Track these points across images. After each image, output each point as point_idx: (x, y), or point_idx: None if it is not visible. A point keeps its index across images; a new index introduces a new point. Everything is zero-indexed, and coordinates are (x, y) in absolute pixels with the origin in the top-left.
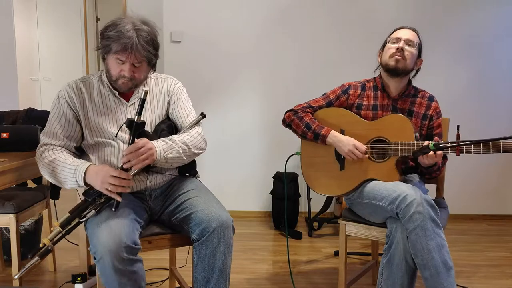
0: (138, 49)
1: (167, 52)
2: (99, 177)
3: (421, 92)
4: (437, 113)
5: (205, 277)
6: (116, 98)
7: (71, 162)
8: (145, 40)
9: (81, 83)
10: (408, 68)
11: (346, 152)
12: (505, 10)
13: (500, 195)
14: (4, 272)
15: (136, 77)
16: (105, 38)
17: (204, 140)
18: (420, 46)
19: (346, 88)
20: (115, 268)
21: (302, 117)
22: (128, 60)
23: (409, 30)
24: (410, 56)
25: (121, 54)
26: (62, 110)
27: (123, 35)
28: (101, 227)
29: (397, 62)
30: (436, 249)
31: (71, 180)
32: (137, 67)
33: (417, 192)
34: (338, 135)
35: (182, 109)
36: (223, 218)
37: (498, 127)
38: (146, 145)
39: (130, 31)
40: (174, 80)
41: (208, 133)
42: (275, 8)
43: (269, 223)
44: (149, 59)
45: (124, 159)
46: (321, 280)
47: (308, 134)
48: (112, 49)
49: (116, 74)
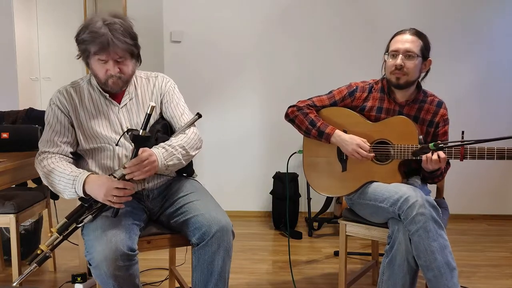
0: (115, 44)
1: (167, 52)
2: (102, 189)
3: (430, 97)
4: (444, 120)
5: (203, 281)
6: (108, 101)
7: (70, 172)
8: (119, 32)
9: (71, 89)
10: (411, 80)
11: (350, 152)
12: (507, 10)
13: (500, 195)
14: (4, 272)
15: (124, 72)
16: (81, 42)
17: (200, 139)
18: (424, 48)
19: (353, 90)
20: (111, 275)
21: (307, 113)
22: (110, 58)
23: (408, 35)
24: (412, 69)
25: (100, 54)
26: (56, 117)
27: (96, 34)
28: (98, 234)
29: (398, 80)
30: (439, 250)
31: (70, 190)
32: (121, 61)
33: (419, 193)
34: (342, 134)
35: (176, 108)
36: (223, 223)
37: (499, 128)
38: (149, 158)
39: (102, 28)
40: (165, 78)
41: (208, 133)
42: (275, 8)
43: (269, 223)
44: (130, 51)
45: (127, 170)
46: (321, 280)
47: (313, 131)
48: (91, 51)
49: (103, 76)
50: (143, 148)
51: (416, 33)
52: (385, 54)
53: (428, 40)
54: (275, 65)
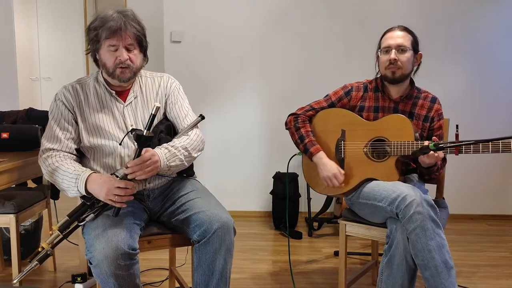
0: (127, 28)
1: (167, 52)
2: (104, 189)
3: (424, 93)
4: (439, 115)
5: (205, 281)
6: (113, 98)
7: (73, 171)
8: (131, 18)
9: (77, 85)
10: (406, 74)
11: (324, 177)
12: (506, 10)
13: (500, 195)
14: (4, 272)
15: (133, 61)
16: (92, 30)
17: (203, 141)
18: (414, 42)
19: (348, 90)
20: (112, 274)
21: (299, 128)
22: (121, 43)
23: (398, 31)
24: (405, 62)
25: (112, 38)
26: (60, 113)
27: (109, 18)
28: (99, 233)
29: (393, 74)
30: (437, 249)
31: (73, 189)
32: (131, 50)
33: (417, 192)
34: (324, 158)
35: (180, 109)
36: (224, 219)
37: (498, 127)
38: (152, 158)
39: (114, 14)
40: (170, 78)
41: (208, 133)
42: (276, 8)
43: (269, 223)
44: (140, 40)
45: (130, 170)
46: (321, 280)
47: (300, 146)
48: (101, 37)
49: (112, 64)
50: (146, 148)
51: (405, 29)
52: (377, 51)
53: (416, 35)
54: (275, 65)
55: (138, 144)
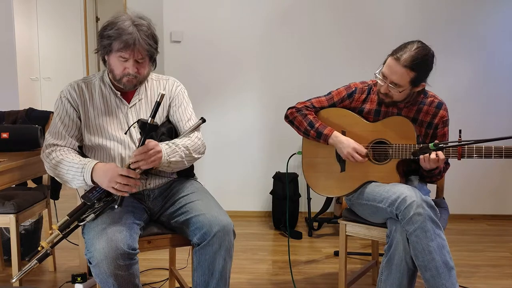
0: (140, 44)
1: (167, 52)
2: (107, 176)
3: (430, 98)
4: (444, 122)
5: (204, 281)
6: (118, 99)
7: (78, 161)
8: (146, 34)
9: (82, 84)
10: (399, 101)
11: (345, 154)
12: (505, 9)
13: (500, 195)
14: (4, 272)
15: (140, 73)
16: (105, 37)
17: (204, 145)
18: (415, 78)
19: (352, 91)
20: (111, 274)
21: (306, 115)
22: (132, 57)
23: (399, 67)
24: (397, 96)
25: (124, 52)
26: (65, 110)
27: (124, 32)
28: (98, 233)
29: (384, 100)
30: (437, 250)
31: (79, 178)
32: (141, 63)
33: (417, 193)
34: (340, 136)
35: (183, 113)
36: (224, 222)
37: (499, 127)
38: (155, 147)
39: (130, 27)
40: (176, 82)
41: (208, 133)
42: (276, 8)
43: (269, 223)
44: (151, 54)
45: (133, 159)
46: (321, 280)
47: (311, 132)
48: (113, 48)
49: (120, 73)
50: (149, 140)
51: (409, 65)
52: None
53: (425, 67)
54: (275, 65)
55: (142, 133)
